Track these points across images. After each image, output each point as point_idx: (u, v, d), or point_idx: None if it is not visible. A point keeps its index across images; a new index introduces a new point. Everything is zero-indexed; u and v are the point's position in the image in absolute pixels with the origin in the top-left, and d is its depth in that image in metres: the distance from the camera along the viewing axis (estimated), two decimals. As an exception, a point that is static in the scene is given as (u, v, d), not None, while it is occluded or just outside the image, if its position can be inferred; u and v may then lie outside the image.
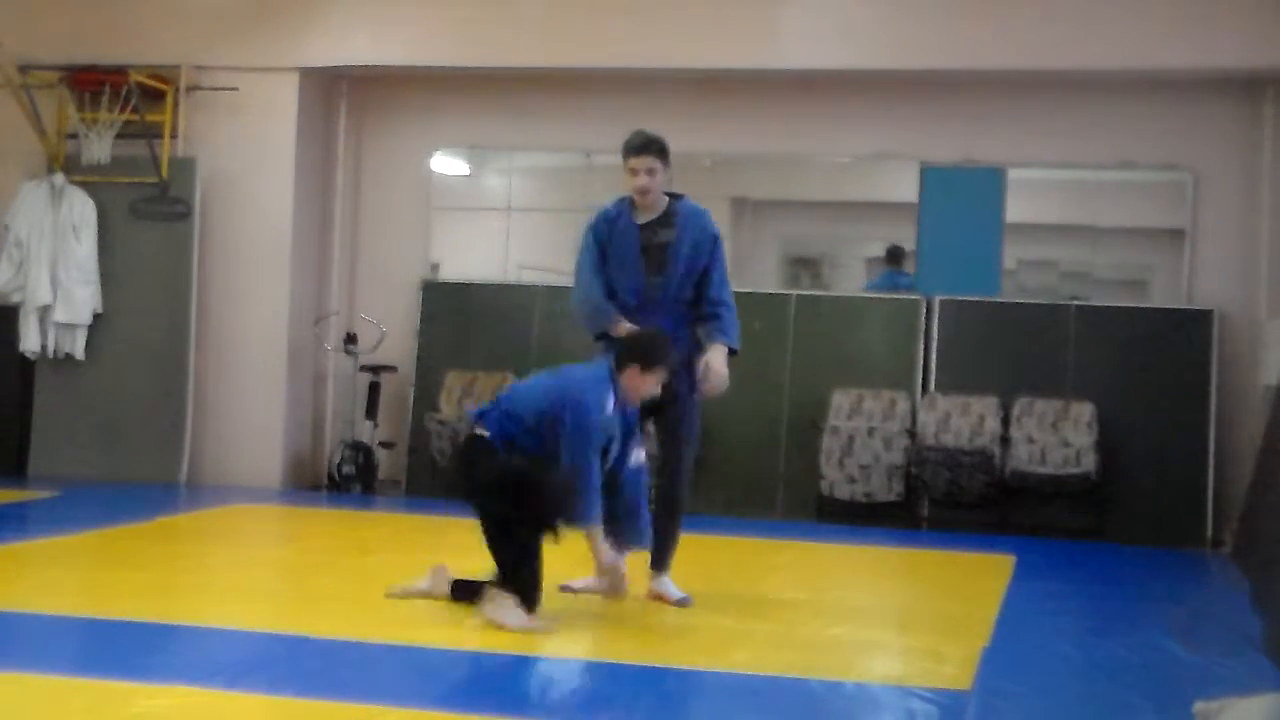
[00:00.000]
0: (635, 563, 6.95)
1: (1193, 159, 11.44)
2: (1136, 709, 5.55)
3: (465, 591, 6.71)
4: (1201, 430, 11.04)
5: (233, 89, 12.08)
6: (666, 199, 7.23)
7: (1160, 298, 11.69)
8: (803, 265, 12.67)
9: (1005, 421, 11.26)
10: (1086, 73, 11.23)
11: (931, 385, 11.52)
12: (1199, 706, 4.90)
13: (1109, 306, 11.53)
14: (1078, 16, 10.98)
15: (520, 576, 6.40)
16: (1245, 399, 11.03)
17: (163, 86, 12.05)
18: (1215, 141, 11.37)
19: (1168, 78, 11.28)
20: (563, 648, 6.27)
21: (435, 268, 12.76)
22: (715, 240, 7.19)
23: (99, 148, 11.99)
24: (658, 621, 6.87)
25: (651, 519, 6.88)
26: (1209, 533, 10.91)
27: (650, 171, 7.10)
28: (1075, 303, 11.54)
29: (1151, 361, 11.24)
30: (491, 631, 6.48)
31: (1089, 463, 10.94)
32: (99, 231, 11.98)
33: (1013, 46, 11.11)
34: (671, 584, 7.10)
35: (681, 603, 7.03)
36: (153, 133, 12.00)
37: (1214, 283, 11.34)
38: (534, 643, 6.25)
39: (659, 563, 7.14)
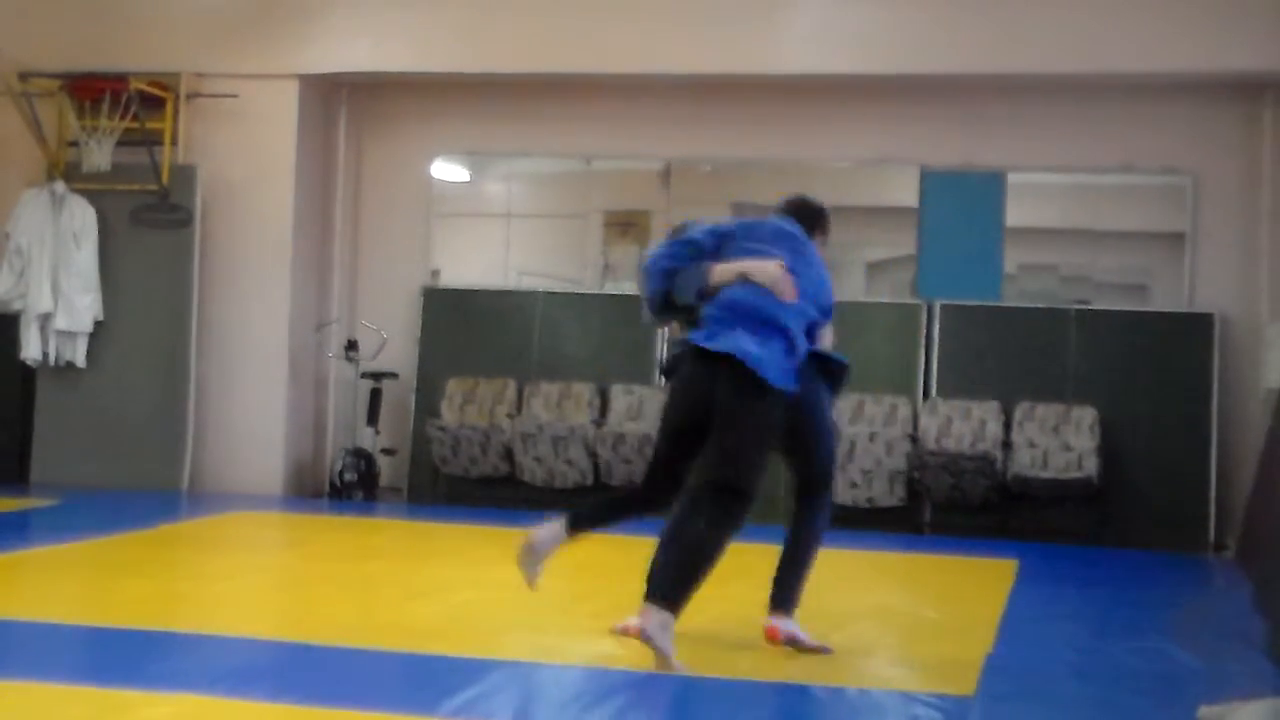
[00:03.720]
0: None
1: (1193, 163, 11.43)
2: (1140, 714, 5.55)
3: None
4: (1203, 434, 11.03)
5: (233, 96, 12.08)
6: None
7: (1161, 301, 11.68)
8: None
9: (1007, 426, 11.26)
10: (1086, 76, 11.24)
11: (933, 390, 11.52)
12: (1203, 711, 4.90)
13: (1110, 310, 11.52)
14: (1077, 21, 10.99)
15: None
16: (1247, 402, 11.03)
17: (163, 94, 12.05)
18: (1215, 145, 11.37)
19: (1168, 81, 11.28)
20: (563, 654, 6.26)
21: (436, 274, 12.76)
22: None
23: (99, 155, 11.98)
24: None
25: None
26: (1211, 537, 10.91)
27: None
28: (1076, 307, 11.54)
29: (1153, 365, 11.24)
30: (491, 639, 6.47)
31: (1091, 467, 10.93)
32: (100, 239, 11.98)
33: (1012, 50, 11.11)
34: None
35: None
36: (153, 140, 12.00)
37: (1215, 286, 11.34)
38: (536, 650, 6.25)
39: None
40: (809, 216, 6.57)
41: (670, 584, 5.88)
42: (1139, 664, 6.52)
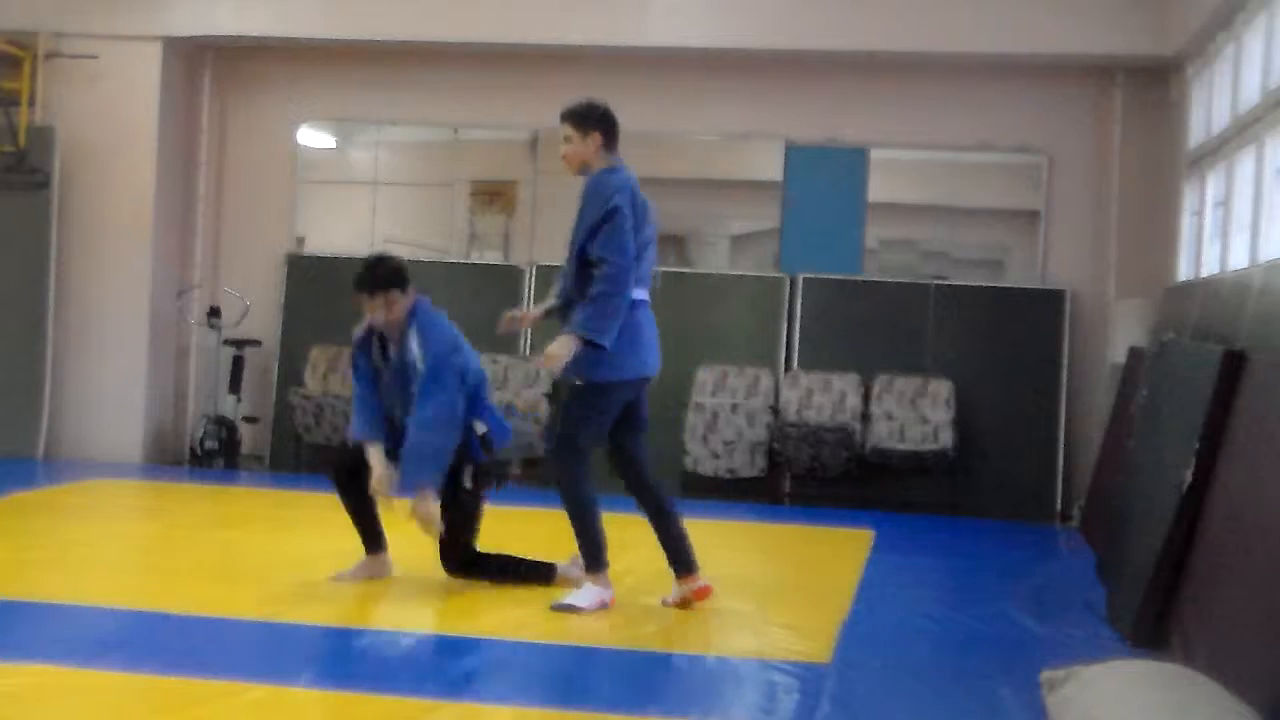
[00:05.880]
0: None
1: (1047, 142, 11.70)
2: (987, 678, 5.71)
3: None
4: (1053, 408, 11.33)
5: (93, 57, 11.86)
6: (595, 167, 6.80)
7: (1016, 277, 11.95)
8: (668, 242, 12.71)
9: (866, 398, 11.46)
10: (946, 56, 11.44)
11: (794, 362, 11.69)
12: (1045, 675, 5.06)
13: (967, 286, 11.76)
14: (939, 2, 11.19)
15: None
16: (1094, 377, 11.34)
17: (19, 53, 11.79)
18: (1068, 125, 11.65)
19: (1024, 62, 11.52)
20: (416, 621, 6.27)
21: (300, 241, 12.65)
22: (606, 213, 6.58)
23: (-48, 115, 11.71)
24: (520, 595, 6.88)
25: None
26: (1059, 507, 11.22)
27: (565, 139, 6.81)
28: (935, 282, 11.75)
29: (1007, 340, 11.51)
30: (351, 608, 6.47)
31: (946, 439, 11.17)
32: (-48, 201, 11.72)
33: (876, 29, 11.28)
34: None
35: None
36: (9, 100, 11.74)
37: (1066, 263, 11.63)
38: (396, 618, 6.27)
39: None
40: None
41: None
42: (988, 630, 6.72)
